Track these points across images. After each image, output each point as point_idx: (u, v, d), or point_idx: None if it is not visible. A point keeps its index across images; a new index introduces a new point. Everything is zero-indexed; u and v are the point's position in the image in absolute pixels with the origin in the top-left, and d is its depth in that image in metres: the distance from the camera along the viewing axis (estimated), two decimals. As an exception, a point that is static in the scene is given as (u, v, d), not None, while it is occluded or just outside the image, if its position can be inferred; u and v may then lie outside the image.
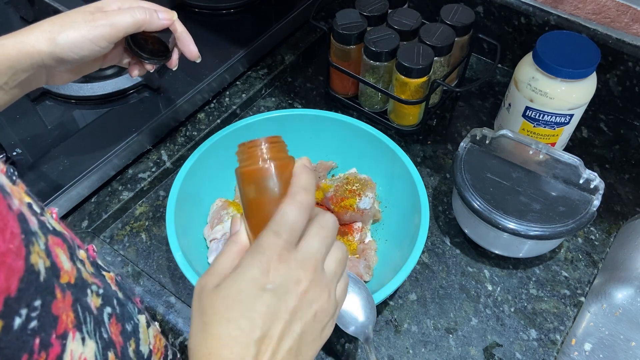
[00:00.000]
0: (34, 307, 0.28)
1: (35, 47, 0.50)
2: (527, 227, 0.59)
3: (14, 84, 0.51)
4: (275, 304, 0.35)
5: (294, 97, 0.84)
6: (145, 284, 0.61)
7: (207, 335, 0.35)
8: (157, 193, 0.72)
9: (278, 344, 0.35)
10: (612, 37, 0.75)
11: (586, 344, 0.73)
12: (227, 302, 0.35)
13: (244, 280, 0.35)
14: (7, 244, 0.25)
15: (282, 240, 0.36)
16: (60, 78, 0.56)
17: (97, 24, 0.52)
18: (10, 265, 0.26)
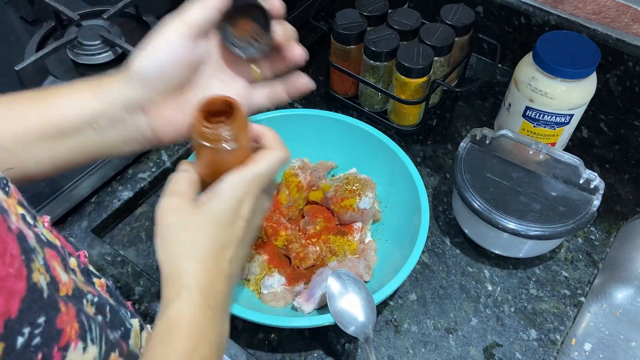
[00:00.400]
0: (38, 324, 0.28)
1: (122, 74, 0.45)
2: (527, 227, 0.59)
3: (106, 122, 0.45)
4: (245, 230, 0.45)
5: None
6: (145, 284, 0.61)
7: (195, 246, 0.42)
8: (157, 193, 0.72)
9: (242, 255, 0.46)
10: (612, 37, 0.75)
11: (586, 344, 0.73)
12: (212, 222, 0.42)
13: (227, 208, 0.43)
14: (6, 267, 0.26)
15: (263, 183, 0.44)
16: (166, 119, 0.46)
17: (165, 23, 0.45)
18: (10, 288, 0.26)
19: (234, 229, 0.44)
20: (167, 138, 0.47)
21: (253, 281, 0.62)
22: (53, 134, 0.44)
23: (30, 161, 0.44)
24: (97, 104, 0.44)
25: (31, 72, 0.72)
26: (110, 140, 0.46)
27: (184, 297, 0.39)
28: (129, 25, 0.86)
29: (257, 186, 0.44)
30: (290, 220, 0.67)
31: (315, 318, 0.54)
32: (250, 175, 0.43)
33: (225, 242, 0.43)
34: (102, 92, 0.44)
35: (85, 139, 0.45)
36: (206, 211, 0.42)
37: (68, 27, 0.80)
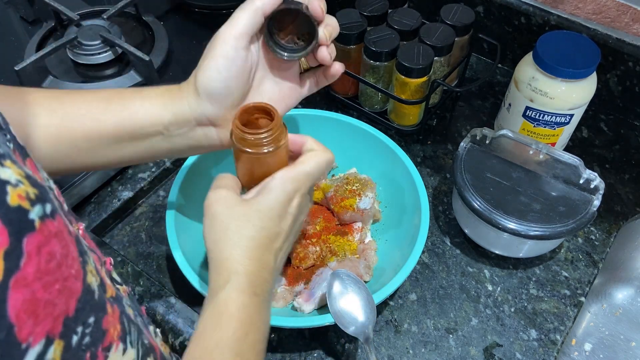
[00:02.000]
0: (88, 324, 0.29)
1: (189, 90, 0.47)
2: (527, 227, 0.59)
3: (177, 131, 0.47)
4: (291, 226, 0.46)
5: (294, 97, 0.84)
6: (145, 284, 0.61)
7: (243, 235, 0.43)
8: (157, 193, 0.72)
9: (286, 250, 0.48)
10: (612, 37, 0.75)
11: (586, 344, 0.73)
12: (260, 214, 0.44)
13: (277, 201, 0.45)
14: (69, 269, 0.27)
15: (311, 182, 0.47)
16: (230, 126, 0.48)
17: (219, 36, 0.46)
18: (71, 289, 0.27)
19: (281, 224, 0.45)
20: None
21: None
22: (124, 138, 0.46)
23: (95, 159, 0.47)
24: (169, 115, 0.46)
25: (31, 72, 0.72)
26: (177, 146, 0.49)
27: (233, 283, 0.41)
28: (129, 25, 0.86)
29: (306, 185, 0.46)
30: (290, 220, 0.67)
31: (315, 318, 0.54)
32: (301, 173, 0.46)
33: (272, 235, 0.45)
34: (174, 105, 0.46)
35: (154, 144, 0.48)
36: (255, 204, 0.45)
37: (68, 27, 0.80)
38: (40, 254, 0.24)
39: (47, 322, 0.25)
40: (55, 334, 0.26)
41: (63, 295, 0.26)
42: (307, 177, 0.46)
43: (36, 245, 0.24)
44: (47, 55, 0.74)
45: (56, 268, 0.25)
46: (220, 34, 0.46)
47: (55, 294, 0.25)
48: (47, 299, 0.25)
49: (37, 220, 0.24)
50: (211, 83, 0.45)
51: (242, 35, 0.45)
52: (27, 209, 0.24)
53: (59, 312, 0.26)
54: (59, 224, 0.26)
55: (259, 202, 0.45)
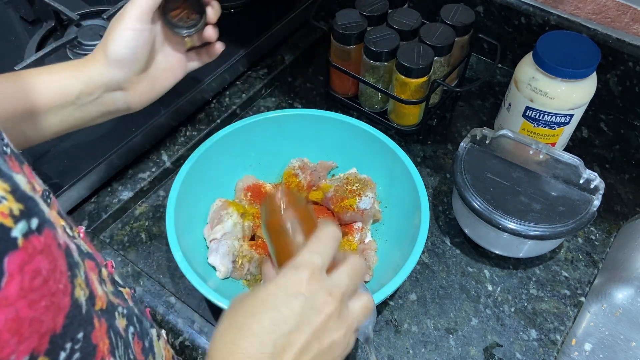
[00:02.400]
0: (77, 339, 0.28)
1: (98, 60, 0.53)
2: (527, 227, 0.59)
3: (88, 100, 0.52)
4: (301, 315, 0.37)
5: (294, 97, 0.84)
6: (145, 284, 0.61)
7: (231, 326, 0.38)
8: (157, 193, 0.72)
9: (298, 355, 0.37)
10: (612, 37, 0.75)
11: (586, 344, 0.73)
12: (255, 301, 0.38)
13: (276, 285, 0.38)
14: (56, 284, 0.26)
15: (316, 260, 0.40)
16: (138, 93, 0.55)
17: (125, 12, 0.53)
18: (58, 304, 0.26)
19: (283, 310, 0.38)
20: (137, 107, 0.57)
21: (253, 281, 0.62)
22: (38, 111, 0.50)
23: (12, 136, 0.48)
24: (79, 85, 0.51)
25: (31, 72, 0.72)
26: (89, 114, 0.54)
27: None
28: (129, 25, 0.86)
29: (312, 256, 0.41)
30: (290, 220, 0.67)
31: (315, 318, 0.54)
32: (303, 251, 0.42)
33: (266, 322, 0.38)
34: (83, 74, 0.52)
35: (67, 114, 0.52)
36: (257, 290, 0.40)
37: (68, 27, 0.80)
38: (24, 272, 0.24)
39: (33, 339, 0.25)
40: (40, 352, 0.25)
41: (50, 312, 0.26)
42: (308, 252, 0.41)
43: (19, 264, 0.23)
44: (47, 55, 0.74)
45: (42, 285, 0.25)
46: (127, 9, 0.52)
47: (41, 311, 0.25)
48: (32, 316, 0.24)
49: (20, 238, 0.24)
50: (121, 50, 0.52)
51: (145, 11, 0.52)
52: (9, 226, 0.23)
53: (45, 329, 0.25)
54: (47, 239, 0.26)
55: (263, 287, 0.40)
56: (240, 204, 0.66)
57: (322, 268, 0.40)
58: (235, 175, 0.70)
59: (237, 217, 0.63)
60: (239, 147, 0.68)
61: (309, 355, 0.38)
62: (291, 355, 0.37)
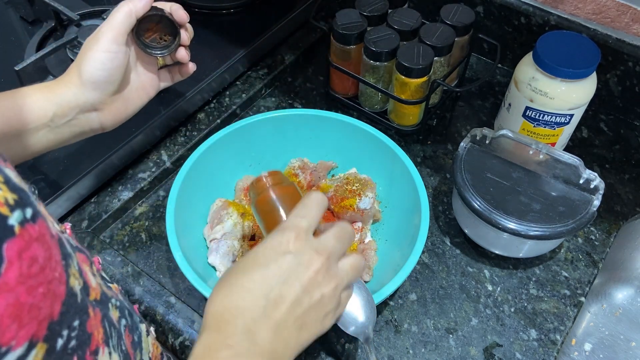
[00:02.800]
0: (73, 327, 0.29)
1: (72, 81, 0.53)
2: (527, 227, 0.59)
3: (62, 121, 0.52)
4: (289, 270, 0.39)
5: (294, 97, 0.84)
6: (145, 284, 0.61)
7: (224, 285, 0.40)
8: (157, 193, 0.72)
9: (290, 308, 0.39)
10: (612, 37, 0.75)
11: (586, 344, 0.73)
12: (245, 261, 0.40)
13: (264, 246, 0.40)
14: (52, 272, 0.27)
15: (302, 223, 0.42)
16: (111, 112, 0.56)
17: (100, 34, 0.53)
18: (55, 292, 0.27)
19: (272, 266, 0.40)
20: (110, 127, 0.57)
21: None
22: (12, 134, 0.50)
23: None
24: (53, 107, 0.51)
25: (31, 72, 0.72)
26: (62, 136, 0.54)
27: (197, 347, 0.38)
28: (129, 25, 0.86)
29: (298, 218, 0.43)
30: (290, 220, 0.67)
31: (315, 318, 0.54)
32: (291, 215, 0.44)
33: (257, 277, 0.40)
34: (56, 96, 0.52)
35: (41, 137, 0.52)
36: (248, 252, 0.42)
37: (68, 27, 0.80)
38: (22, 259, 0.24)
39: (32, 325, 0.25)
40: (39, 337, 0.26)
41: (47, 299, 0.26)
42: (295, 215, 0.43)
43: (17, 250, 0.24)
44: (47, 55, 0.74)
45: (39, 272, 0.25)
46: (102, 31, 0.53)
47: (39, 298, 0.25)
48: (31, 302, 0.25)
49: (17, 226, 0.24)
50: (96, 72, 0.52)
51: (120, 33, 0.53)
52: (5, 215, 0.24)
53: (43, 315, 0.26)
54: (41, 228, 0.26)
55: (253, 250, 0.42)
56: (240, 204, 0.66)
57: (308, 230, 0.42)
58: (235, 175, 0.70)
59: (237, 217, 0.63)
60: (239, 147, 0.68)
61: (301, 308, 0.39)
62: (284, 308, 0.38)
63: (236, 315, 0.38)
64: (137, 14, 0.54)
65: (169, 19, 0.57)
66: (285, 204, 0.48)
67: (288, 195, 0.49)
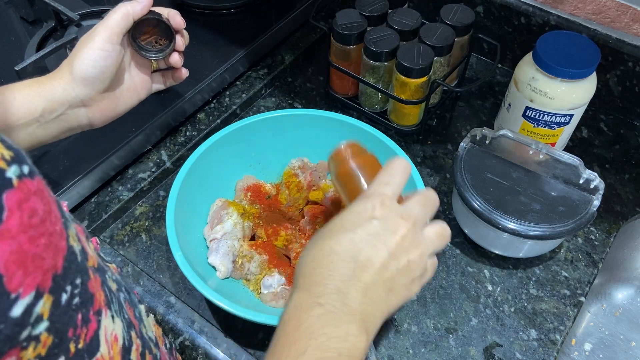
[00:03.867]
0: (76, 284, 0.29)
1: (63, 77, 0.54)
2: (527, 227, 0.59)
3: (51, 117, 0.53)
4: (376, 235, 0.40)
5: (294, 97, 0.84)
6: (145, 284, 0.61)
7: (313, 248, 0.40)
8: (157, 193, 0.72)
9: (378, 271, 0.39)
10: (612, 37, 0.75)
11: (586, 344, 0.73)
12: (331, 227, 0.41)
13: (350, 212, 0.41)
14: (53, 225, 0.27)
15: (386, 189, 0.42)
16: (100, 110, 0.57)
17: (96, 32, 0.54)
18: (57, 245, 0.28)
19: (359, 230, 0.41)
20: (99, 124, 0.58)
21: (253, 281, 0.62)
22: (2, 130, 0.50)
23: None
24: (43, 102, 0.52)
25: (31, 72, 0.72)
26: (51, 132, 0.54)
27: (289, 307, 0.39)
28: (129, 25, 0.86)
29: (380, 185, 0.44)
30: (290, 220, 0.67)
31: (315, 318, 0.54)
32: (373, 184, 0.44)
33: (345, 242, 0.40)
34: (47, 92, 0.52)
35: (31, 132, 0.52)
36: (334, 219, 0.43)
37: (68, 27, 0.80)
38: (22, 209, 0.25)
39: (37, 274, 0.25)
40: (45, 288, 0.26)
41: (50, 250, 0.27)
42: (378, 183, 0.44)
43: (16, 201, 0.24)
44: (47, 55, 0.74)
45: (40, 223, 0.26)
46: (98, 30, 0.54)
47: (42, 248, 0.26)
48: (34, 252, 0.25)
49: (15, 179, 0.25)
50: (88, 69, 0.53)
51: (115, 33, 0.54)
52: (3, 168, 0.24)
53: (47, 266, 0.26)
54: (39, 184, 0.27)
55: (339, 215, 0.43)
56: (240, 204, 0.66)
57: (392, 197, 0.42)
58: (235, 175, 0.70)
59: (237, 217, 0.63)
60: (239, 147, 0.68)
61: (389, 272, 0.40)
62: (372, 271, 0.39)
63: (326, 276, 0.38)
64: (134, 16, 0.55)
65: (165, 23, 0.58)
66: (367, 173, 0.49)
67: (368, 164, 0.50)
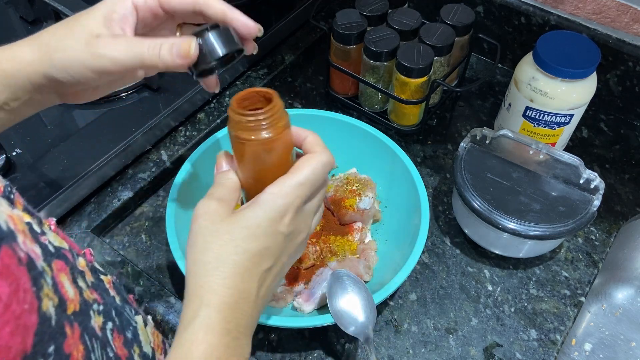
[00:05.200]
0: (49, 354, 0.27)
1: (31, 65, 0.42)
2: (527, 227, 0.59)
3: (16, 104, 0.44)
4: (282, 247, 0.41)
5: (294, 97, 0.84)
6: (145, 284, 0.61)
7: (222, 258, 0.39)
8: (157, 193, 0.72)
9: (275, 275, 0.42)
10: (612, 37, 0.75)
11: (586, 344, 0.73)
12: (245, 232, 0.40)
13: (265, 218, 0.40)
14: (21, 305, 0.25)
15: (305, 193, 0.42)
16: (76, 97, 0.47)
17: (98, 53, 0.41)
18: (25, 325, 0.25)
19: (270, 244, 0.40)
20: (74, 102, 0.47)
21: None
22: None
23: None
24: (5, 93, 0.43)
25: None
26: (19, 114, 0.46)
27: (202, 319, 0.37)
28: (129, 25, 0.86)
29: (301, 197, 0.41)
30: (290, 220, 0.67)
31: (315, 318, 0.54)
32: (292, 186, 0.41)
33: (257, 257, 0.40)
34: (9, 80, 0.43)
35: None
36: (241, 220, 0.40)
37: (68, 27, 0.80)
38: None
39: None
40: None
41: (17, 336, 0.24)
42: (300, 188, 0.41)
43: None
44: (47, 55, 0.74)
45: (4, 311, 0.24)
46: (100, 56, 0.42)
47: (7, 337, 0.24)
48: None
49: None
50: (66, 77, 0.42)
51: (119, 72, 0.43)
52: None
53: (14, 353, 0.24)
54: (4, 258, 0.24)
55: (246, 218, 0.40)
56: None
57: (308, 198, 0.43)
58: (235, 175, 0.70)
59: (237, 217, 0.63)
60: (239, 147, 0.68)
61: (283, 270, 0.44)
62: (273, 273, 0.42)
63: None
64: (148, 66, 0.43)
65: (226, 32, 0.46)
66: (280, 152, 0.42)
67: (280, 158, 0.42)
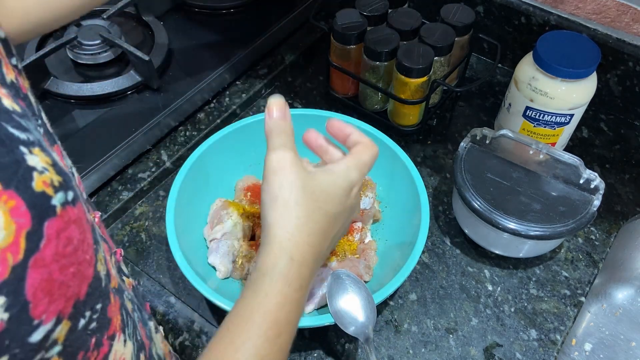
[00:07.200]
0: (96, 309, 0.30)
1: None
2: (527, 227, 0.59)
3: None
4: (345, 217, 0.45)
5: (294, 97, 0.84)
6: (145, 284, 0.61)
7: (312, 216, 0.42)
8: (157, 193, 0.72)
9: (333, 244, 0.45)
10: (613, 37, 0.75)
11: (586, 344, 0.73)
12: (324, 196, 0.42)
13: (340, 187, 0.43)
14: (84, 254, 0.28)
15: (365, 174, 0.46)
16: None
17: None
18: (84, 273, 0.28)
19: (340, 212, 0.43)
20: None
21: (253, 281, 0.62)
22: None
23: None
24: None
25: (31, 72, 0.72)
26: None
27: (282, 270, 0.39)
28: (129, 25, 0.86)
29: (364, 175, 0.46)
30: (290, 220, 0.67)
31: (315, 318, 0.54)
32: (362, 164, 0.45)
33: (332, 221, 0.42)
34: None
35: None
36: (321, 183, 0.42)
37: (68, 27, 0.80)
38: (59, 238, 0.25)
39: (60, 302, 0.26)
40: (65, 314, 0.27)
41: (76, 279, 0.27)
42: (366, 167, 0.45)
43: (56, 229, 0.25)
44: (47, 55, 0.74)
45: (72, 252, 0.27)
46: None
47: (69, 277, 0.26)
48: (62, 280, 0.26)
49: (59, 207, 0.25)
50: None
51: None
52: (50, 195, 0.25)
53: (71, 293, 0.27)
54: (79, 212, 0.27)
55: (326, 182, 0.43)
56: (240, 204, 0.66)
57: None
58: (235, 175, 0.70)
59: (237, 217, 0.63)
60: (239, 147, 0.68)
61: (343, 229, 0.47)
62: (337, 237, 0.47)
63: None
64: None
65: None
66: None
67: None
